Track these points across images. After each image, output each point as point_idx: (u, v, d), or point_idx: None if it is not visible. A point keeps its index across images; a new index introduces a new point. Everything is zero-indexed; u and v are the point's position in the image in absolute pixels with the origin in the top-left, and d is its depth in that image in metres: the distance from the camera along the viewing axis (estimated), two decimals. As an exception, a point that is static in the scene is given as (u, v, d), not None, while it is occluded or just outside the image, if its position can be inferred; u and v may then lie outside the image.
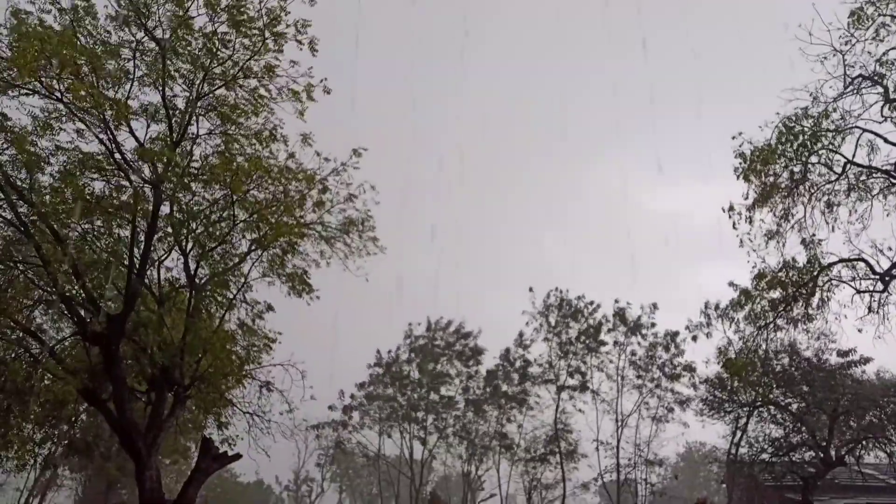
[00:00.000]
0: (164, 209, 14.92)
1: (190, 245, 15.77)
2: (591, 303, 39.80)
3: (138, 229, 14.57)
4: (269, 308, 17.52)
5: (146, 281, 15.26)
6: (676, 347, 37.24)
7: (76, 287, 14.25)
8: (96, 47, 13.50)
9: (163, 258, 16.06)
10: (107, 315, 14.18)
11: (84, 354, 15.38)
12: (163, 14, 13.58)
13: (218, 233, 15.71)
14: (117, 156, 13.85)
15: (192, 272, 15.81)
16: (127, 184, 14.35)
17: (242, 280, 16.71)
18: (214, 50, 13.93)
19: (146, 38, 13.76)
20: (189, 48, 13.96)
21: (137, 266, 14.42)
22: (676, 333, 36.83)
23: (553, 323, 40.17)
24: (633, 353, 38.55)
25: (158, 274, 16.06)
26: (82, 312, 14.57)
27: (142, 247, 14.52)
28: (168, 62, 13.89)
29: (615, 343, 38.92)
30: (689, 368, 36.71)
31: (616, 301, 39.06)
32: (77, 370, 14.76)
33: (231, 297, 16.75)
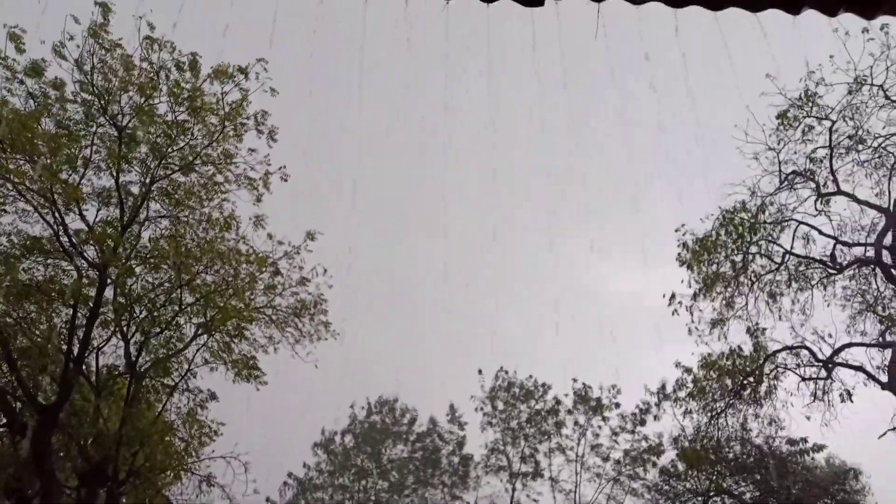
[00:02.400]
0: (108, 293, 14.47)
1: (132, 331, 15.21)
2: (543, 385, 39.01)
3: (79, 314, 14.03)
4: (213, 396, 16.86)
5: (83, 368, 14.56)
6: (642, 424, 35.53)
7: (8, 376, 13.48)
8: (59, 131, 13.39)
9: (102, 345, 15.40)
10: (40, 405, 13.38)
11: (10, 448, 14.37)
12: (125, 101, 13.64)
13: (163, 318, 15.23)
14: (63, 239, 13.49)
15: (133, 359, 15.18)
16: (71, 267, 13.92)
17: (186, 366, 16.10)
18: (173, 136, 13.97)
19: (107, 123, 13.74)
20: (148, 134, 13.97)
21: (76, 353, 13.78)
22: (648, 409, 35.17)
23: (500, 407, 39.12)
24: (596, 436, 37.30)
25: (97, 361, 15.36)
26: (13, 403, 13.73)
27: (82, 333, 13.93)
28: (125, 148, 13.83)
29: (576, 423, 37.66)
30: (657, 452, 35.00)
31: (574, 380, 38.11)
32: (1, 466, 13.76)
33: (173, 384, 16.07)
